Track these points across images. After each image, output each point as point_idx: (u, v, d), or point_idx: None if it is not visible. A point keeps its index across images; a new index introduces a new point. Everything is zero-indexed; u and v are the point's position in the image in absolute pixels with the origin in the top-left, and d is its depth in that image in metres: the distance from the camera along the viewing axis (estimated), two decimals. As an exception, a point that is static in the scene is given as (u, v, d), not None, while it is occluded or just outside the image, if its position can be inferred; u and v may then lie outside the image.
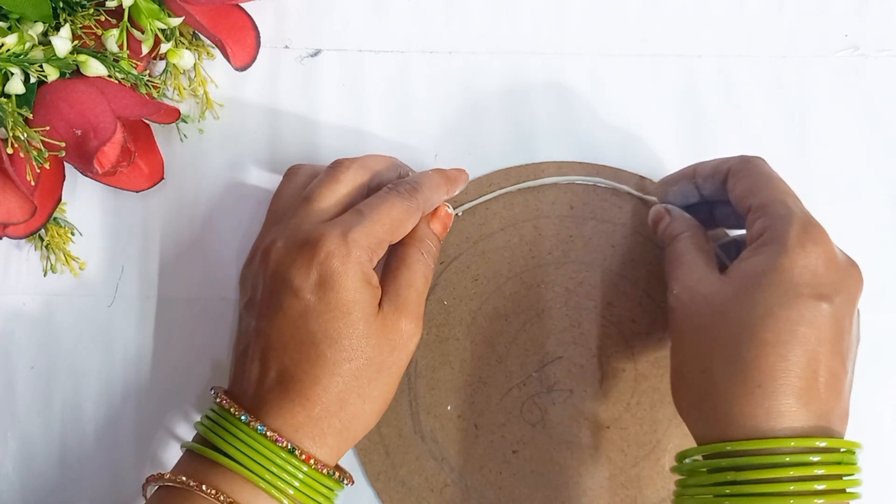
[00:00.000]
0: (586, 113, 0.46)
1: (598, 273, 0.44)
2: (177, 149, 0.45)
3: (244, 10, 0.44)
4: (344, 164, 0.39)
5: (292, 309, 0.35)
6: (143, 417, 0.44)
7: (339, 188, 0.38)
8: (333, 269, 0.35)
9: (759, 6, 0.47)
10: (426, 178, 0.40)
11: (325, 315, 0.35)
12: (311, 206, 0.37)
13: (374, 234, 0.36)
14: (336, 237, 0.35)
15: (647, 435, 0.43)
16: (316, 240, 0.35)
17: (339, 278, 0.35)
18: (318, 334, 0.35)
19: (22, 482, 0.44)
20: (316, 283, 0.35)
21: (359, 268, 0.35)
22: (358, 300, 0.35)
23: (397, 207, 0.37)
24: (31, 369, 0.44)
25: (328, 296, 0.35)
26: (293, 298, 0.35)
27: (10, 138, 0.38)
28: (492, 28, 0.47)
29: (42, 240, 0.44)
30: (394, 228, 0.37)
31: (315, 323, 0.35)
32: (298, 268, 0.35)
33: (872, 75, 0.46)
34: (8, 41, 0.39)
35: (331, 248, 0.35)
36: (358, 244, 0.35)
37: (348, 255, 0.35)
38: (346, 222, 0.36)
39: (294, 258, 0.35)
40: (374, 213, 0.37)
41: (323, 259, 0.35)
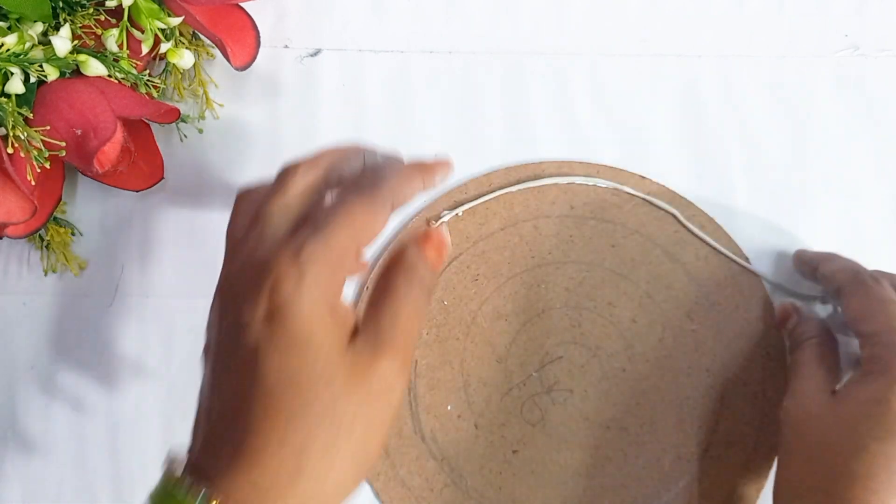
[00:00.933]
0: (586, 113, 0.46)
1: (598, 273, 0.44)
2: (177, 149, 0.45)
3: (244, 10, 0.44)
4: (289, 170, 0.33)
5: (243, 349, 0.29)
6: (143, 417, 0.44)
7: (289, 200, 0.32)
8: (284, 296, 0.28)
9: (759, 6, 0.47)
10: (391, 168, 0.33)
11: (278, 352, 0.28)
12: (259, 226, 0.31)
13: (332, 247, 0.29)
14: (286, 259, 0.29)
15: (647, 435, 0.43)
16: (263, 265, 0.29)
17: (291, 306, 0.28)
18: (270, 377, 0.28)
19: (22, 482, 0.44)
20: (265, 315, 0.29)
21: (316, 292, 0.29)
22: (315, 331, 0.29)
23: (358, 207, 0.30)
24: (31, 369, 0.44)
25: (279, 329, 0.28)
26: (243, 336, 0.29)
27: (10, 138, 0.38)
28: (492, 28, 0.47)
29: (42, 240, 0.44)
30: (357, 233, 0.30)
31: (266, 363, 0.28)
32: (248, 300, 0.29)
33: (872, 75, 0.46)
34: (8, 41, 0.39)
35: (280, 273, 0.29)
36: (313, 262, 0.29)
37: (301, 278, 0.29)
38: (297, 239, 0.30)
39: (242, 291, 0.30)
40: (330, 221, 0.30)
41: (272, 286, 0.29)
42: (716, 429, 0.43)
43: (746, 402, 0.43)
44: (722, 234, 0.44)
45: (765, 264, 0.44)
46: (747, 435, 0.43)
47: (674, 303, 0.44)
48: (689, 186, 0.45)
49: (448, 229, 0.44)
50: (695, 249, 0.44)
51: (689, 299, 0.44)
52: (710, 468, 0.42)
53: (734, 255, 0.44)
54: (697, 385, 0.43)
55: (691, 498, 0.42)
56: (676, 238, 0.44)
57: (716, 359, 0.43)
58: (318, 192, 0.33)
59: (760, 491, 0.42)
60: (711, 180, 0.45)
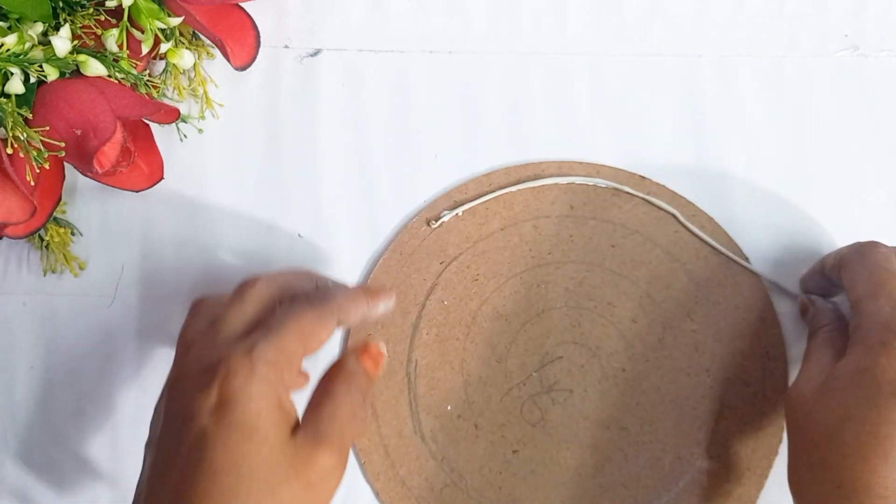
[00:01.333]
0: (586, 113, 0.46)
1: (598, 273, 0.44)
2: (177, 149, 0.45)
3: (244, 10, 0.44)
4: (249, 283, 0.36)
5: (190, 435, 0.31)
6: (143, 417, 0.44)
7: (246, 308, 0.35)
8: (235, 388, 0.31)
9: (759, 6, 0.47)
10: (341, 288, 0.37)
11: (225, 439, 0.30)
12: (217, 330, 0.34)
13: (282, 348, 0.32)
14: (239, 355, 0.32)
15: (647, 435, 0.43)
16: (217, 359, 0.32)
17: (241, 397, 0.31)
18: (216, 461, 0.30)
19: (22, 482, 0.44)
20: (215, 405, 0.31)
21: (265, 385, 0.31)
22: (262, 422, 0.31)
23: (307, 316, 0.34)
24: (31, 369, 0.44)
25: (228, 417, 0.31)
26: (191, 423, 0.31)
27: (9, 138, 0.38)
28: (492, 28, 0.47)
29: (42, 240, 0.44)
30: (305, 339, 0.33)
31: (212, 448, 0.30)
32: (198, 392, 0.31)
33: (872, 75, 0.46)
34: (8, 41, 0.39)
35: (232, 366, 0.31)
36: (263, 359, 0.32)
37: (252, 372, 0.31)
38: (250, 340, 0.33)
39: (194, 383, 0.32)
40: (281, 325, 0.33)
41: (223, 378, 0.31)
42: (716, 429, 0.43)
43: (746, 402, 0.43)
44: (722, 234, 0.44)
45: (765, 264, 0.44)
46: (747, 435, 0.43)
47: (674, 303, 0.44)
48: (689, 186, 0.45)
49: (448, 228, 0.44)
50: (695, 249, 0.44)
51: (689, 299, 0.44)
52: (710, 468, 0.42)
53: (734, 255, 0.44)
54: (697, 385, 0.43)
55: (691, 498, 0.42)
56: (676, 238, 0.44)
57: (715, 359, 0.43)
58: (273, 303, 0.35)
59: (760, 491, 0.42)
60: (711, 180, 0.45)
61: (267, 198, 0.45)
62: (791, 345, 0.43)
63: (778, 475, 0.43)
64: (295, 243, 0.45)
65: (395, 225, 0.45)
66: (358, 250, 0.45)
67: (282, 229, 0.45)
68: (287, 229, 0.45)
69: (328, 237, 0.45)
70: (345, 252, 0.45)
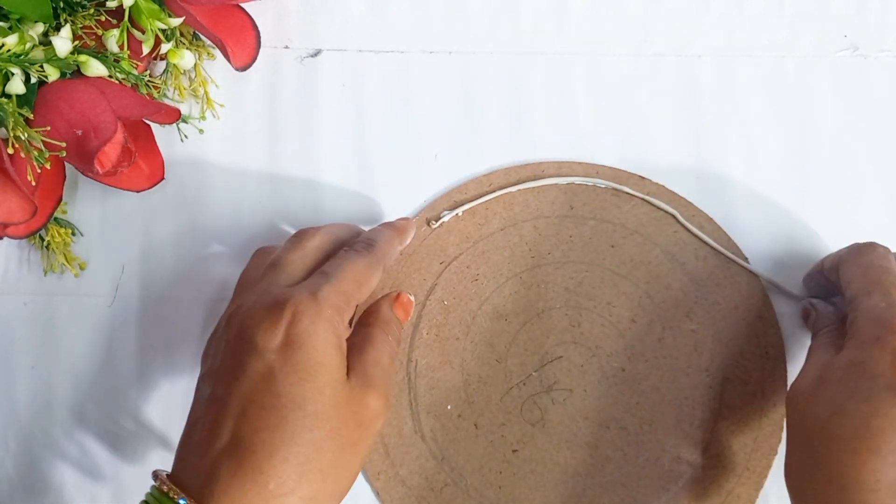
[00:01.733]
0: (586, 113, 0.46)
1: (598, 273, 0.44)
2: (177, 149, 0.45)
3: (244, 10, 0.44)
4: (309, 232, 0.38)
5: (255, 371, 0.33)
6: (144, 417, 0.44)
7: (305, 254, 0.37)
8: (302, 327, 0.33)
9: (759, 6, 0.47)
10: (377, 233, 0.40)
11: (292, 377, 0.32)
12: (277, 270, 0.36)
13: (341, 292, 0.35)
14: (304, 297, 0.34)
15: (646, 435, 0.43)
16: (283, 299, 0.34)
17: (309, 337, 0.33)
18: (282, 398, 0.32)
19: (22, 482, 0.44)
20: (282, 342, 0.33)
21: (329, 327, 0.34)
22: (326, 363, 0.33)
23: (359, 263, 0.37)
24: (31, 369, 0.44)
25: (295, 356, 0.33)
26: (257, 360, 0.33)
27: (10, 138, 0.38)
28: (492, 28, 0.47)
29: (42, 240, 0.44)
30: (360, 284, 0.36)
31: (279, 385, 0.32)
32: (265, 329, 0.33)
33: (872, 75, 0.46)
34: (8, 41, 0.39)
35: (299, 307, 0.33)
36: (328, 301, 0.34)
37: (319, 314, 0.33)
38: (312, 283, 0.35)
39: (260, 319, 0.33)
40: (339, 271, 0.36)
41: (291, 318, 0.33)
42: (715, 429, 0.43)
43: (746, 402, 0.43)
44: (722, 234, 0.44)
45: (765, 264, 0.44)
46: (746, 435, 0.43)
47: (673, 303, 0.44)
48: (689, 186, 0.45)
49: (448, 228, 0.44)
50: (694, 250, 0.44)
51: (689, 299, 0.44)
52: (709, 468, 0.42)
53: (734, 255, 0.44)
54: (697, 385, 0.43)
55: (691, 498, 0.42)
56: (676, 238, 0.44)
57: (715, 359, 0.43)
58: (326, 253, 0.38)
59: (759, 490, 0.42)
60: (711, 180, 0.45)
61: (267, 198, 0.45)
62: (790, 345, 0.43)
63: (777, 475, 0.43)
64: (295, 243, 0.45)
65: (395, 225, 0.45)
66: (358, 250, 0.45)
67: (282, 229, 0.45)
68: (287, 229, 0.45)
69: (328, 237, 0.45)
70: (345, 252, 0.45)
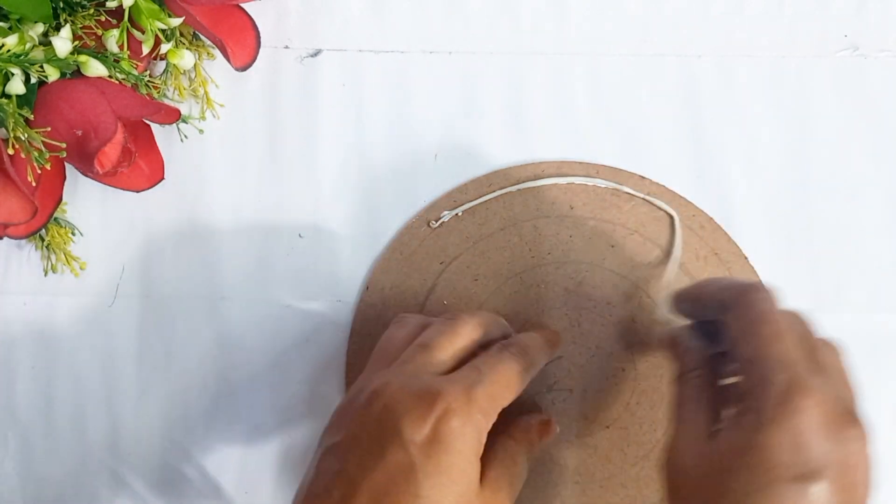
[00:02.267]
0: (586, 113, 0.46)
1: (598, 273, 0.44)
2: (177, 149, 0.45)
3: (244, 11, 0.44)
4: (464, 318, 0.37)
5: (395, 461, 0.31)
6: (144, 417, 0.44)
7: (458, 341, 0.36)
8: (452, 427, 0.31)
9: (759, 6, 0.47)
10: (531, 339, 0.38)
11: (433, 478, 0.31)
12: (429, 354, 0.34)
13: (493, 396, 0.33)
14: (459, 393, 0.32)
15: (647, 435, 0.43)
16: (436, 392, 0.32)
17: (456, 440, 0.31)
18: (421, 498, 0.30)
19: (22, 482, 0.44)
20: (428, 438, 0.31)
21: (475, 433, 0.32)
22: (468, 470, 0.32)
23: (513, 368, 0.35)
24: (31, 369, 0.44)
25: (440, 457, 0.31)
26: (399, 450, 0.31)
27: (10, 139, 0.38)
28: (492, 28, 0.47)
29: (42, 240, 0.44)
30: (509, 392, 0.34)
31: (419, 485, 0.30)
32: (412, 418, 0.31)
33: (872, 75, 0.46)
34: (8, 42, 0.39)
35: (452, 405, 0.31)
36: (479, 406, 0.32)
37: (469, 416, 0.32)
38: (466, 379, 0.33)
39: (408, 407, 0.32)
40: (493, 372, 0.34)
41: (441, 414, 0.31)
42: (715, 429, 0.43)
43: (746, 402, 0.43)
44: (722, 234, 0.44)
45: (764, 264, 0.44)
46: (747, 435, 0.43)
47: (674, 303, 0.44)
48: (689, 186, 0.45)
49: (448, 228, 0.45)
50: (695, 249, 0.44)
51: (689, 299, 0.44)
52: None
53: (733, 254, 0.44)
54: (697, 385, 0.43)
55: (691, 498, 0.42)
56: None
57: (715, 359, 0.43)
58: (477, 344, 0.36)
59: (760, 491, 0.42)
60: (711, 180, 0.45)
61: (267, 198, 0.45)
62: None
63: (777, 475, 0.43)
64: (295, 243, 0.45)
65: (395, 225, 0.45)
66: (358, 250, 0.45)
67: (282, 229, 0.45)
68: (287, 229, 0.45)
69: (328, 237, 0.45)
70: (345, 252, 0.45)
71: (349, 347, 0.44)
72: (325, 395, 0.44)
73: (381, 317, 0.44)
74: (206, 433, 0.44)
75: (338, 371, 0.44)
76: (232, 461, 0.44)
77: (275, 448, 0.44)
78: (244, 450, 0.44)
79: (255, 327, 0.44)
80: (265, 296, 0.45)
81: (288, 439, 0.44)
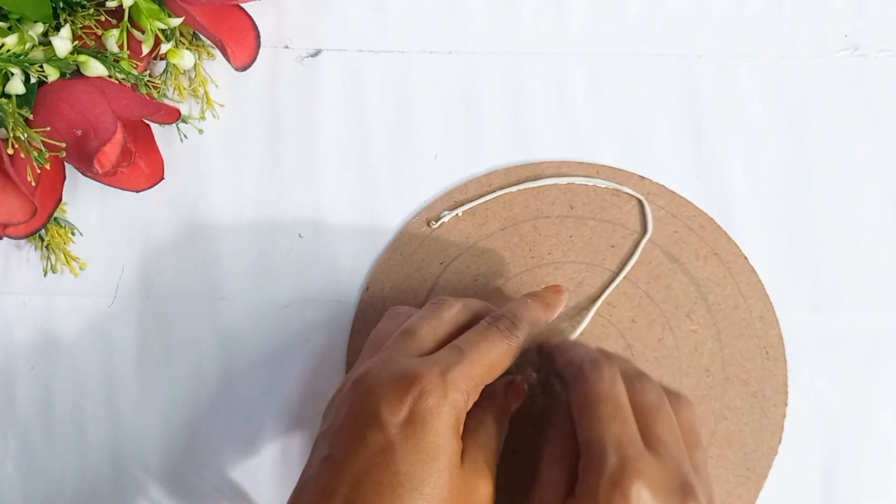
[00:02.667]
0: (586, 113, 0.46)
1: (598, 273, 0.44)
2: (177, 149, 0.45)
3: (244, 11, 0.44)
4: (448, 303, 0.37)
5: (375, 443, 0.32)
6: (144, 417, 0.44)
7: (440, 324, 0.36)
8: (427, 407, 0.32)
9: (759, 6, 0.47)
10: (526, 308, 0.38)
11: (411, 456, 0.31)
12: (409, 338, 0.35)
13: (472, 376, 0.34)
14: (434, 375, 0.33)
15: (646, 435, 0.43)
16: (412, 374, 0.33)
17: (432, 419, 0.32)
18: (400, 476, 0.31)
19: (22, 482, 0.44)
20: (405, 419, 0.32)
21: (453, 412, 0.33)
22: (445, 447, 0.32)
23: (498, 347, 0.35)
24: (31, 369, 0.44)
25: (417, 435, 0.32)
26: (378, 432, 0.32)
27: (10, 139, 0.38)
28: (492, 28, 0.47)
29: (42, 240, 0.44)
30: (493, 369, 0.35)
31: (398, 462, 0.31)
32: (389, 400, 0.32)
33: (872, 75, 0.46)
34: (8, 41, 0.39)
35: (427, 386, 0.32)
36: (456, 385, 0.33)
37: (444, 396, 0.32)
38: (444, 360, 0.34)
39: (385, 390, 0.33)
40: (474, 351, 0.34)
41: (417, 396, 0.32)
42: (715, 429, 0.43)
43: (746, 402, 0.43)
44: (722, 234, 0.44)
45: (764, 264, 0.44)
46: (747, 435, 0.43)
47: (673, 303, 0.44)
48: (689, 186, 0.45)
49: (448, 228, 0.44)
50: (695, 249, 0.44)
51: (689, 299, 0.44)
52: (710, 468, 0.42)
53: (733, 254, 0.44)
54: (697, 385, 0.43)
55: (691, 498, 0.42)
56: (676, 238, 0.44)
57: (715, 359, 0.43)
58: (461, 326, 0.37)
59: (760, 491, 0.42)
60: (711, 180, 0.45)
61: (267, 198, 0.45)
62: (791, 345, 0.44)
63: (778, 475, 0.43)
64: (295, 243, 0.45)
65: (395, 225, 0.45)
66: (358, 250, 0.45)
67: (282, 229, 0.45)
68: (287, 229, 0.45)
69: (328, 237, 0.45)
70: (345, 252, 0.45)
71: (349, 347, 0.44)
72: (325, 395, 0.44)
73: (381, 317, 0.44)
74: (206, 433, 0.44)
75: (338, 371, 0.44)
76: (232, 461, 0.44)
77: (274, 448, 0.44)
78: (244, 449, 0.44)
79: (255, 327, 0.44)
80: (265, 296, 0.45)
81: (287, 439, 0.44)
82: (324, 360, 0.44)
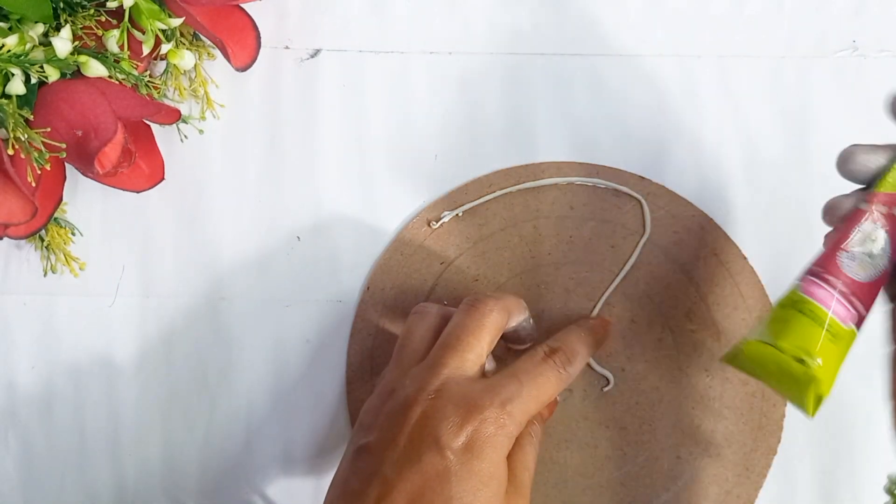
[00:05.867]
0: (586, 113, 0.46)
1: (598, 273, 0.44)
2: (177, 149, 0.45)
3: (244, 11, 0.44)
4: (487, 307, 0.38)
5: (432, 465, 0.33)
6: (144, 417, 0.44)
7: (485, 335, 0.37)
8: (486, 436, 0.34)
9: (759, 6, 0.47)
10: (580, 343, 0.39)
11: (466, 483, 0.33)
12: (459, 357, 0.36)
13: (528, 411, 0.35)
14: (496, 406, 0.34)
15: (646, 435, 0.43)
16: (474, 402, 0.34)
17: (489, 448, 0.34)
18: (454, 500, 0.33)
19: (22, 482, 0.44)
20: (464, 445, 0.33)
21: (507, 442, 0.34)
22: (496, 475, 0.34)
23: (553, 383, 0.37)
24: (31, 369, 0.44)
25: (472, 462, 0.33)
26: (436, 455, 0.33)
27: (10, 139, 0.38)
28: (492, 28, 0.47)
29: (42, 240, 0.44)
30: (544, 403, 0.36)
31: (453, 489, 0.33)
32: (450, 425, 0.34)
33: (872, 75, 0.46)
34: (9, 42, 0.39)
35: (488, 415, 0.34)
36: (513, 418, 0.34)
37: (503, 427, 0.34)
38: (505, 391, 0.35)
39: (446, 414, 0.34)
40: (533, 386, 0.36)
41: (478, 424, 0.34)
42: (715, 429, 0.43)
43: (745, 402, 0.43)
44: (721, 234, 0.44)
45: (764, 264, 0.44)
46: (747, 435, 0.43)
47: (673, 303, 0.44)
48: (689, 186, 0.45)
49: (449, 228, 0.45)
50: (694, 249, 0.44)
51: (688, 299, 0.44)
52: (709, 468, 0.43)
53: (732, 254, 0.44)
54: (697, 385, 0.43)
55: (690, 497, 0.42)
56: (676, 238, 0.44)
57: (714, 359, 0.43)
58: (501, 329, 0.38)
59: (759, 490, 0.43)
60: (711, 180, 0.45)
61: (267, 198, 0.45)
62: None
63: (777, 475, 0.43)
64: (295, 244, 0.45)
65: (395, 225, 0.45)
66: (358, 250, 0.45)
67: (282, 229, 0.45)
68: (287, 229, 0.45)
69: (328, 237, 0.45)
70: (345, 252, 0.45)
71: (349, 347, 0.44)
72: (325, 395, 0.44)
73: (382, 317, 0.44)
74: (206, 433, 0.44)
75: (338, 371, 0.44)
76: (232, 461, 0.44)
77: (275, 448, 0.44)
78: (244, 449, 0.44)
79: (255, 327, 0.44)
80: (265, 296, 0.45)
81: (288, 439, 0.44)
82: (324, 360, 0.44)
